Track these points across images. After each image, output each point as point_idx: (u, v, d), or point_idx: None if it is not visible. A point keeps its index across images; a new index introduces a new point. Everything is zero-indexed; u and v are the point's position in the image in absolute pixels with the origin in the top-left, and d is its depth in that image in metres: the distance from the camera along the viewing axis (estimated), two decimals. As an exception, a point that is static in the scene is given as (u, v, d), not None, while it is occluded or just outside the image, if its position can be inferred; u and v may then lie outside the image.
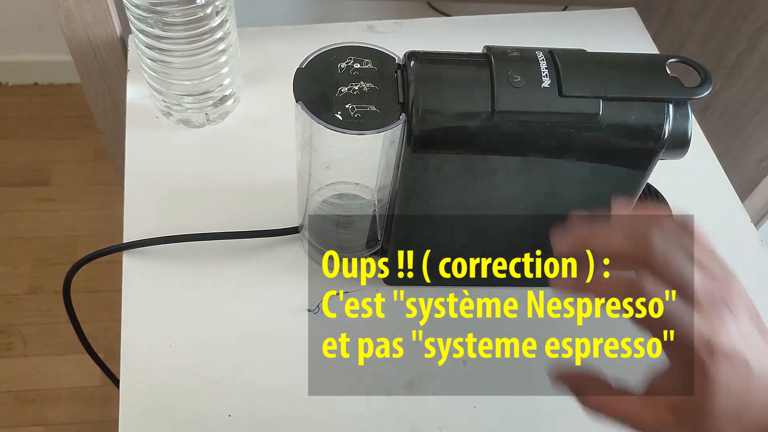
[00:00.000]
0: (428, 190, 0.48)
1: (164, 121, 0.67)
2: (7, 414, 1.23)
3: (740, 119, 0.80)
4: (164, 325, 0.55)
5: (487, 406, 0.53)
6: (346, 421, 0.52)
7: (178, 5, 0.56)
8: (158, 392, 0.52)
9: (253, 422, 0.51)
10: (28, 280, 1.37)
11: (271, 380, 0.53)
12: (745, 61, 0.77)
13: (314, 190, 0.53)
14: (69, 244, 1.42)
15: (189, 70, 0.61)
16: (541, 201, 0.49)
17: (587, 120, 0.44)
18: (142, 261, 0.58)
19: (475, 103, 0.44)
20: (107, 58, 0.72)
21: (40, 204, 1.48)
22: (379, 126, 0.44)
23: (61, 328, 1.32)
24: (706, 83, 0.45)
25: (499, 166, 0.46)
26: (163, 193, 0.62)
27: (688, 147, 0.47)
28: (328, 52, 0.47)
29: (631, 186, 0.49)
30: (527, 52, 0.46)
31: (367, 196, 0.53)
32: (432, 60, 0.45)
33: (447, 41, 0.75)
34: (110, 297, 1.31)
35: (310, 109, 0.44)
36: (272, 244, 0.59)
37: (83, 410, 1.24)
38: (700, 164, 0.67)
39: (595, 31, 0.78)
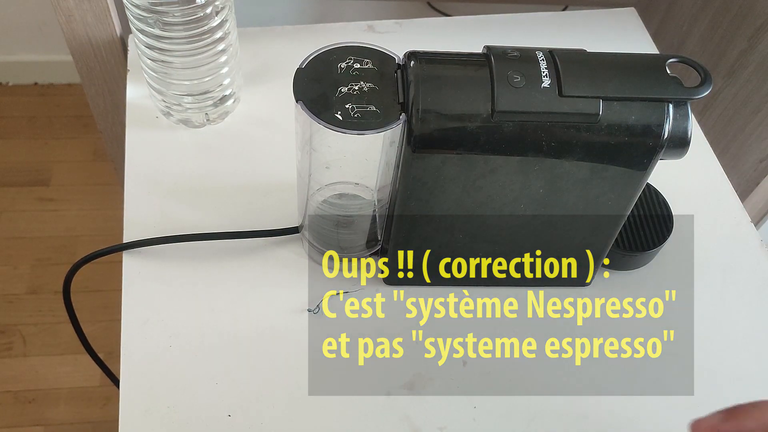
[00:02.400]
0: (428, 190, 0.48)
1: (164, 121, 0.67)
2: (7, 414, 1.23)
3: (740, 119, 0.80)
4: (164, 325, 0.55)
5: (487, 406, 0.53)
6: (346, 421, 0.52)
7: (178, 5, 0.56)
8: (158, 392, 0.52)
9: (253, 422, 0.51)
10: (28, 280, 1.37)
11: (271, 380, 0.53)
12: (745, 61, 0.77)
13: (314, 190, 0.53)
14: (69, 244, 1.42)
15: (189, 70, 0.61)
16: (541, 201, 0.49)
17: (587, 120, 0.44)
18: (142, 261, 0.58)
19: (475, 103, 0.44)
20: (107, 58, 0.72)
21: (40, 204, 1.48)
22: (379, 126, 0.44)
23: (61, 328, 1.32)
24: (706, 83, 0.45)
25: (499, 166, 0.46)
26: (163, 193, 0.62)
27: (688, 147, 0.47)
28: (328, 52, 0.47)
29: (631, 186, 0.49)
30: (527, 52, 0.46)
31: (367, 196, 0.53)
32: (432, 60, 0.45)
33: (447, 41, 0.75)
34: (110, 297, 1.31)
35: (310, 109, 0.44)
36: (272, 244, 0.59)
37: (83, 410, 1.24)
38: (700, 164, 0.67)
39: (595, 31, 0.78)
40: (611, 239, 0.54)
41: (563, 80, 0.44)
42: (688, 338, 0.57)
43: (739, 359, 0.56)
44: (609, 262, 0.58)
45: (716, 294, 0.60)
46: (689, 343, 0.57)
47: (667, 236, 0.59)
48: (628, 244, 0.58)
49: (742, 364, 0.56)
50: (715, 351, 0.57)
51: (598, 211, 0.51)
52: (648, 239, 0.59)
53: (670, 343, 0.57)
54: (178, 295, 0.56)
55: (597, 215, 0.51)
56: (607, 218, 0.52)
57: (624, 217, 0.52)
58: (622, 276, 0.60)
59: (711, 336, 0.57)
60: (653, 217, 0.60)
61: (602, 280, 0.59)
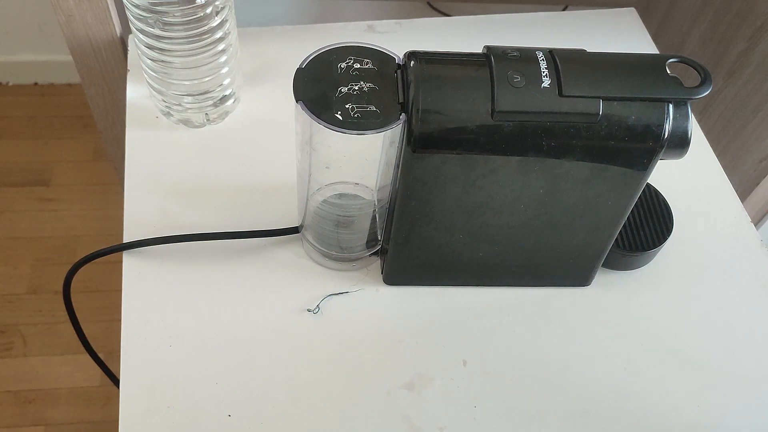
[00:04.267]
0: (428, 190, 0.48)
1: (164, 121, 0.67)
2: (7, 414, 1.23)
3: (740, 119, 0.80)
4: (164, 325, 0.55)
5: (487, 406, 0.53)
6: (346, 421, 0.52)
7: (178, 5, 0.56)
8: (158, 392, 0.52)
9: (253, 422, 0.51)
10: (28, 280, 1.37)
11: (271, 380, 0.53)
12: (745, 61, 0.77)
13: (314, 190, 0.53)
14: (69, 244, 1.42)
15: (189, 70, 0.61)
16: (541, 201, 0.49)
17: (587, 120, 0.44)
18: (142, 261, 0.58)
19: (475, 103, 0.44)
20: (107, 58, 0.72)
21: (40, 204, 1.48)
22: (379, 126, 0.44)
23: (61, 328, 1.32)
24: (706, 83, 0.45)
25: (499, 166, 0.46)
26: (163, 193, 0.62)
27: (688, 147, 0.47)
28: (328, 52, 0.47)
29: (631, 186, 0.49)
30: (527, 52, 0.46)
31: (367, 196, 0.53)
32: (432, 60, 0.45)
33: (447, 41, 0.75)
34: (110, 297, 1.32)
35: (310, 109, 0.44)
36: (272, 244, 0.59)
37: (83, 410, 1.24)
38: (700, 164, 0.67)
39: (595, 31, 0.78)
40: (611, 239, 0.54)
41: (563, 80, 0.44)
42: (688, 338, 0.57)
43: (739, 359, 0.56)
44: (609, 262, 0.58)
45: (716, 294, 0.60)
46: (689, 343, 0.57)
47: (667, 236, 0.59)
48: (628, 244, 0.58)
49: (743, 364, 0.56)
50: (715, 351, 0.57)
51: (598, 211, 0.51)
52: (648, 239, 0.59)
53: (670, 344, 0.57)
54: (178, 295, 0.56)
55: (597, 215, 0.51)
56: (607, 218, 0.52)
57: (624, 217, 0.52)
58: (622, 276, 0.60)
59: (711, 336, 0.57)
60: (653, 217, 0.60)
61: (602, 280, 0.59)
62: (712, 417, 0.54)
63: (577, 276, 0.58)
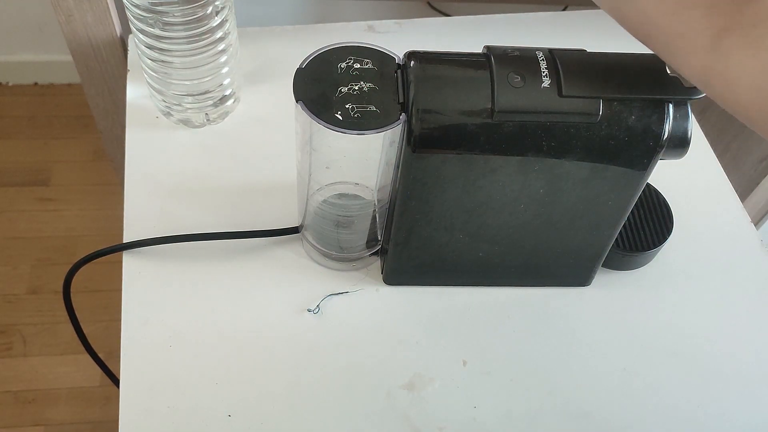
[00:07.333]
0: (428, 190, 0.48)
1: (164, 121, 0.67)
2: (7, 414, 1.23)
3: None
4: (164, 325, 0.55)
5: (487, 406, 0.53)
6: (346, 421, 0.52)
7: (178, 5, 0.56)
8: (158, 392, 0.52)
9: (253, 422, 0.51)
10: (28, 280, 1.37)
11: (271, 380, 0.53)
12: (745, 61, 0.77)
13: (314, 190, 0.53)
14: (69, 244, 1.42)
15: (189, 70, 0.61)
16: (541, 201, 0.49)
17: (587, 120, 0.44)
18: (142, 261, 0.58)
19: (475, 103, 0.44)
20: (107, 58, 0.72)
21: (40, 204, 1.48)
22: (379, 126, 0.44)
23: (61, 328, 1.32)
24: (706, 83, 0.45)
25: (499, 165, 0.46)
26: (163, 193, 0.62)
27: (688, 147, 0.47)
28: (328, 52, 0.47)
29: (631, 186, 0.49)
30: (527, 52, 0.46)
31: (367, 196, 0.53)
32: (432, 60, 0.45)
33: (447, 41, 0.75)
34: (110, 297, 1.31)
35: (310, 109, 0.44)
36: (272, 244, 0.59)
37: (83, 410, 1.24)
38: (700, 164, 0.67)
39: (595, 31, 0.78)
40: (611, 239, 0.54)
41: (563, 80, 0.44)
42: (688, 338, 0.57)
43: (740, 359, 0.56)
44: (609, 262, 0.58)
45: (716, 294, 0.60)
46: (689, 343, 0.57)
47: (667, 236, 0.59)
48: (628, 244, 0.58)
49: (743, 363, 0.56)
50: (716, 351, 0.57)
51: (598, 211, 0.51)
52: (648, 239, 0.59)
53: (670, 344, 0.57)
54: (178, 295, 0.56)
55: (597, 215, 0.51)
56: (607, 218, 0.52)
57: (624, 217, 0.52)
58: (622, 276, 0.60)
59: (711, 336, 0.57)
60: (653, 217, 0.60)
61: (602, 280, 0.59)
62: (712, 417, 0.54)
63: (577, 276, 0.58)
